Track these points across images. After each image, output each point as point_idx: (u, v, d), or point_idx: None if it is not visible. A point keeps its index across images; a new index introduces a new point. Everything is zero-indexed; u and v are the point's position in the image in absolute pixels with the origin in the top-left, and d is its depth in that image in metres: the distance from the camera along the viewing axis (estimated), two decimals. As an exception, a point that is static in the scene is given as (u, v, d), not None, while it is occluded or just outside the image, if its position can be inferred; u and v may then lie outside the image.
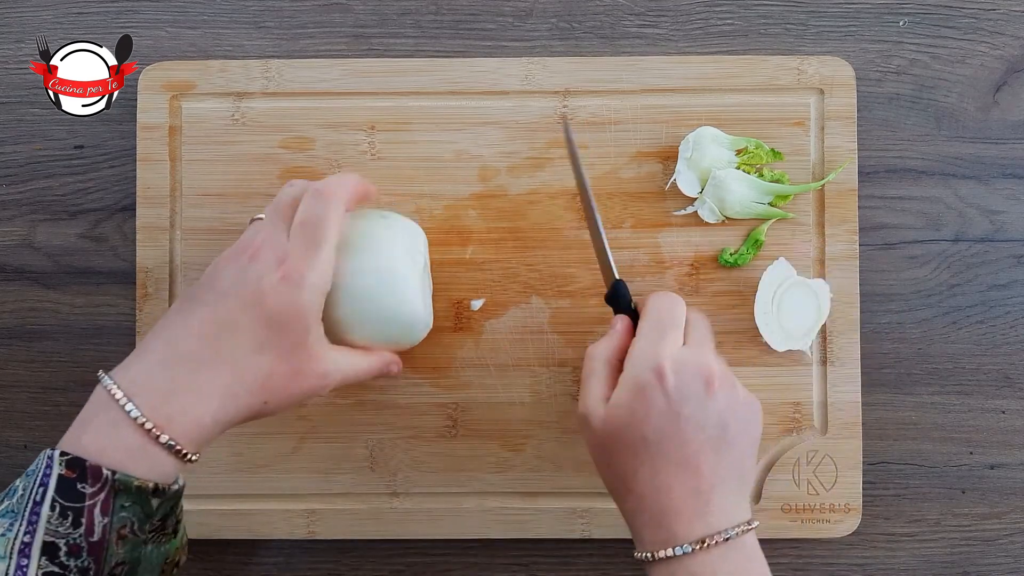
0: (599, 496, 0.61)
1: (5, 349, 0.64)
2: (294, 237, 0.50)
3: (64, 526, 0.44)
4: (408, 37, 0.65)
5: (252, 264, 0.49)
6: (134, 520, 0.46)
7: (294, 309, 0.49)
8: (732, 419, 0.50)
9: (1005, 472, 0.63)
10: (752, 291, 0.60)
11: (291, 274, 0.49)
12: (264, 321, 0.48)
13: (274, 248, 0.50)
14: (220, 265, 0.50)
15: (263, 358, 0.49)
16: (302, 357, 0.50)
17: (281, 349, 0.49)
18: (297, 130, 0.63)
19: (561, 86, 0.62)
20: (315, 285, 0.49)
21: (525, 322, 0.62)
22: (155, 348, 0.48)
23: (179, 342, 0.48)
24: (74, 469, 0.45)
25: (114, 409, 0.46)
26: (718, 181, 0.60)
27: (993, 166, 0.64)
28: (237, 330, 0.48)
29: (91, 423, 0.47)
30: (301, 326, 0.49)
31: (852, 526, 0.61)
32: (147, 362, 0.48)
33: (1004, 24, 0.64)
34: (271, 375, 0.49)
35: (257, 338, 0.48)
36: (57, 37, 0.65)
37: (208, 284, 0.50)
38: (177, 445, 0.47)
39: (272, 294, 0.48)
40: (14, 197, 0.65)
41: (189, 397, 0.47)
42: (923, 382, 0.64)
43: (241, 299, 0.48)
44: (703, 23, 0.65)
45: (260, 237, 0.50)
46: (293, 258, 0.49)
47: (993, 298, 0.64)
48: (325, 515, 0.62)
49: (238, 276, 0.49)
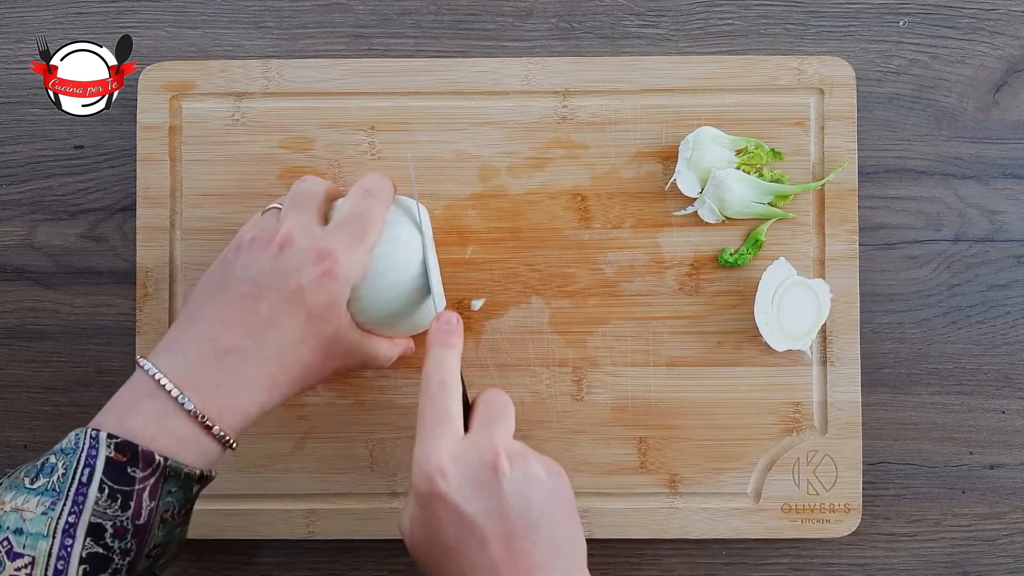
0: (599, 496, 0.62)
1: (5, 349, 0.64)
2: (339, 230, 0.51)
3: (112, 508, 0.45)
4: (408, 37, 0.65)
5: (285, 254, 0.49)
6: (176, 505, 0.47)
7: (332, 303, 0.50)
8: (534, 495, 0.45)
9: (1005, 472, 0.63)
10: (752, 291, 0.60)
11: (332, 270, 0.49)
12: (306, 315, 0.49)
13: (309, 238, 0.50)
14: (248, 252, 0.50)
15: (304, 348, 0.50)
16: (336, 343, 0.51)
17: (320, 340, 0.50)
18: (297, 130, 0.63)
19: (561, 86, 0.62)
20: (351, 279, 0.50)
21: (525, 322, 0.62)
22: (195, 341, 0.49)
23: (221, 335, 0.49)
24: (124, 453, 0.45)
25: (163, 399, 0.47)
26: (718, 181, 0.60)
27: (993, 166, 0.64)
28: (279, 324, 0.49)
29: (137, 409, 0.47)
30: (337, 316, 0.50)
31: (852, 526, 0.61)
32: (190, 354, 0.48)
33: (1004, 24, 0.64)
34: (310, 364, 0.51)
35: (300, 331, 0.49)
36: (57, 37, 0.65)
37: (239, 273, 0.50)
38: (226, 435, 0.48)
39: (312, 289, 0.49)
40: (14, 197, 0.65)
41: (237, 391, 0.48)
42: (923, 382, 0.64)
43: (281, 293, 0.49)
44: (703, 23, 0.65)
45: (287, 226, 0.50)
46: (336, 253, 0.50)
47: (993, 298, 0.64)
48: (325, 515, 0.62)
49: (271, 266, 0.49)
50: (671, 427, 0.61)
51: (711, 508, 0.61)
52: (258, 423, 0.61)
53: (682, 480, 0.61)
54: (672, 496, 0.61)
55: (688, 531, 0.61)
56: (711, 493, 0.61)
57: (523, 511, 0.45)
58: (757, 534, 0.61)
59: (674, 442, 0.61)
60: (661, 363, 0.62)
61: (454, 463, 0.45)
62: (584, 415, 0.62)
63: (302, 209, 0.52)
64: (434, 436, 0.46)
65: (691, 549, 0.63)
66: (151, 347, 0.61)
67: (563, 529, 0.46)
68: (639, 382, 0.61)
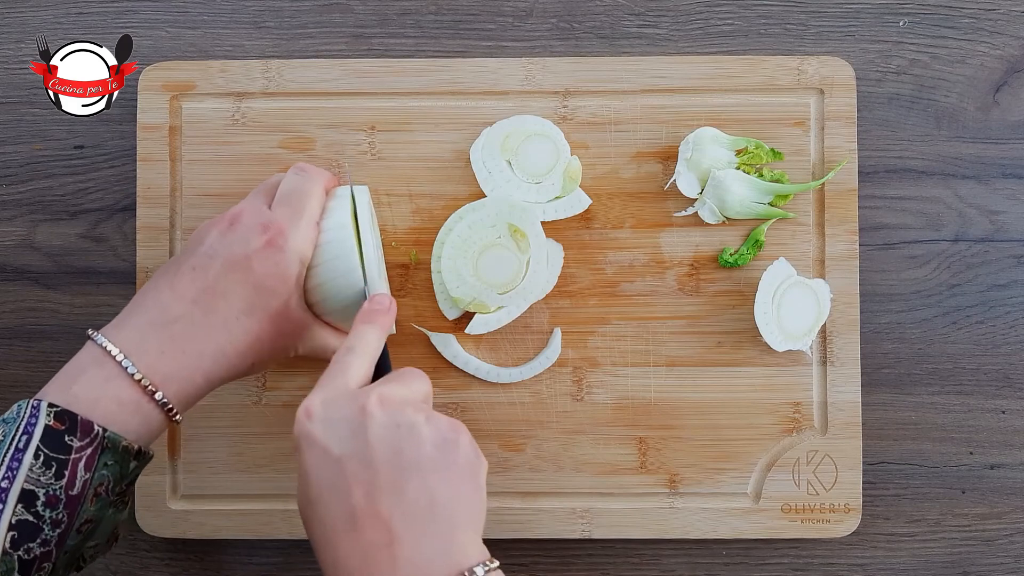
0: (599, 496, 0.62)
1: (5, 349, 0.64)
2: (278, 206, 0.53)
3: (47, 476, 0.45)
4: (408, 37, 0.65)
5: (234, 228, 0.52)
6: (111, 479, 0.47)
7: (280, 272, 0.51)
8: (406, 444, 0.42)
9: (1005, 472, 0.63)
10: (752, 291, 0.60)
11: (275, 239, 0.51)
12: (252, 284, 0.51)
13: (256, 215, 0.52)
14: (202, 231, 0.53)
15: (251, 320, 0.51)
16: (284, 318, 0.52)
17: (268, 311, 0.51)
18: (297, 130, 0.63)
19: (561, 86, 0.62)
20: (296, 250, 0.52)
21: (525, 322, 0.62)
22: (145, 310, 0.50)
23: (170, 305, 0.50)
24: (63, 421, 0.45)
25: (109, 364, 0.47)
26: (718, 181, 0.60)
27: (993, 166, 0.64)
28: (227, 293, 0.50)
29: (82, 375, 0.47)
30: (285, 288, 0.52)
31: (852, 526, 0.61)
32: (139, 323, 0.49)
33: (1004, 24, 0.64)
34: (259, 336, 0.51)
35: (247, 301, 0.51)
36: (57, 37, 0.65)
37: (192, 249, 0.52)
38: (169, 404, 0.48)
39: (258, 259, 0.51)
40: (14, 197, 0.65)
41: (183, 357, 0.49)
42: (923, 382, 0.64)
43: (228, 263, 0.51)
44: (703, 23, 0.65)
45: (240, 207, 0.53)
46: (278, 224, 0.52)
47: (993, 298, 0.64)
48: (325, 515, 0.62)
49: (220, 240, 0.51)
50: (671, 427, 0.61)
51: (711, 508, 0.61)
52: (258, 423, 0.61)
53: (682, 480, 0.61)
54: (672, 496, 0.61)
55: (688, 531, 0.61)
56: (711, 493, 0.61)
57: (391, 459, 0.42)
58: (757, 534, 0.61)
59: (674, 442, 0.61)
60: (661, 363, 0.62)
61: (324, 405, 0.44)
62: (584, 415, 0.62)
63: (258, 193, 0.55)
64: (319, 387, 0.45)
65: (691, 549, 0.63)
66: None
67: (443, 488, 0.42)
68: (639, 382, 0.61)
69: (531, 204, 0.61)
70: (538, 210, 0.61)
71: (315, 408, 0.44)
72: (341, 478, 0.42)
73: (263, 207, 0.53)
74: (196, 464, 0.62)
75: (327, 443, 0.43)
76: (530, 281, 0.60)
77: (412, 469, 0.42)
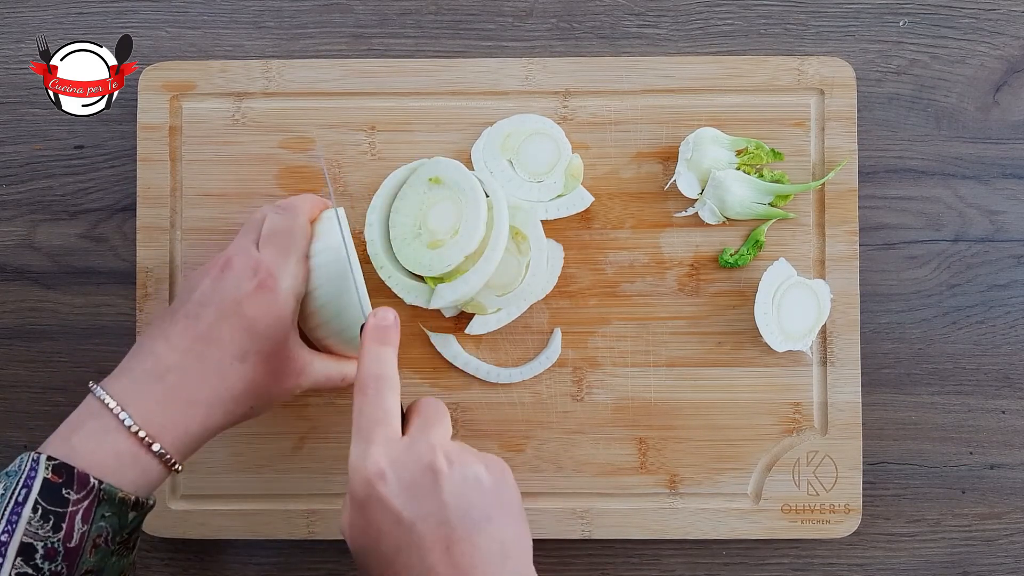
0: (599, 496, 0.62)
1: (5, 349, 0.64)
2: (264, 247, 0.53)
3: (44, 529, 0.45)
4: (408, 37, 0.65)
5: (225, 275, 0.51)
6: (109, 530, 0.47)
7: (272, 314, 0.51)
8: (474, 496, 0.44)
9: (1005, 472, 0.63)
10: (752, 291, 0.60)
11: (266, 281, 0.51)
12: (244, 329, 0.51)
13: (245, 259, 0.52)
14: (193, 279, 0.53)
15: (246, 365, 0.51)
16: (281, 359, 0.52)
17: (262, 354, 0.51)
18: (297, 130, 0.63)
19: (561, 86, 0.62)
20: (288, 289, 0.52)
21: (525, 322, 0.62)
22: (141, 361, 0.50)
23: (164, 355, 0.50)
24: (60, 474, 0.46)
25: (106, 416, 0.48)
26: (718, 182, 0.60)
27: (993, 166, 0.64)
28: (220, 339, 0.50)
29: (81, 428, 0.48)
30: (279, 329, 0.52)
31: (852, 526, 0.61)
32: (135, 374, 0.49)
33: (1004, 24, 0.64)
34: (255, 380, 0.51)
35: (240, 346, 0.51)
36: (57, 37, 0.65)
37: (184, 298, 0.52)
38: (167, 454, 0.49)
39: (249, 302, 0.51)
40: (14, 197, 0.65)
41: (178, 407, 0.49)
42: (923, 382, 0.64)
43: (220, 310, 0.50)
44: (703, 23, 0.65)
45: (230, 251, 0.53)
46: (267, 266, 0.52)
47: (993, 298, 0.64)
48: (325, 515, 0.62)
49: (213, 288, 0.51)
50: (671, 427, 0.61)
51: (711, 508, 0.61)
52: (258, 423, 0.61)
53: (682, 480, 0.61)
54: (672, 496, 0.61)
55: (688, 531, 0.61)
56: (711, 493, 0.61)
57: (464, 514, 0.43)
58: (757, 534, 0.61)
59: (674, 442, 0.61)
60: (661, 363, 0.62)
61: (392, 466, 0.44)
62: (584, 415, 0.62)
63: (246, 234, 0.54)
64: (371, 437, 0.45)
65: (691, 549, 0.63)
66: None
67: (508, 531, 0.44)
68: (639, 382, 0.61)
69: (533, 203, 0.61)
70: (540, 209, 0.61)
71: (386, 472, 0.44)
72: (418, 539, 0.43)
73: (252, 248, 0.53)
74: (196, 464, 0.62)
75: (402, 508, 0.43)
76: (529, 283, 0.60)
77: (483, 520, 0.44)
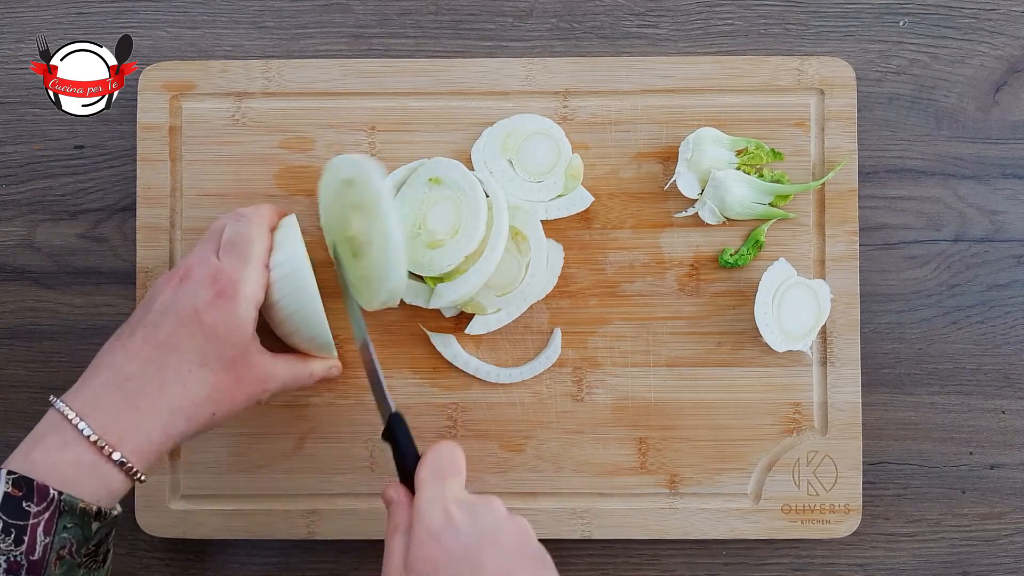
0: (599, 496, 0.62)
1: (5, 349, 0.64)
2: (224, 255, 0.53)
3: (6, 542, 0.45)
4: (408, 37, 0.65)
5: (184, 284, 0.52)
6: (73, 542, 0.47)
7: (231, 321, 0.51)
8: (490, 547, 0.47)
9: (1005, 472, 0.63)
10: (752, 291, 0.60)
11: (225, 289, 0.52)
12: (204, 336, 0.51)
13: (205, 267, 0.52)
14: (154, 290, 0.53)
15: (206, 371, 0.51)
16: (243, 366, 0.52)
17: (223, 360, 0.52)
18: (297, 130, 0.63)
19: (561, 86, 0.62)
20: (248, 296, 0.52)
21: (525, 322, 0.62)
22: (100, 372, 0.50)
23: (124, 364, 0.50)
24: (20, 487, 0.46)
25: (66, 428, 0.48)
26: (718, 182, 0.60)
27: (993, 166, 0.64)
28: (179, 346, 0.51)
29: (41, 441, 0.48)
30: (239, 336, 0.52)
31: (852, 526, 0.61)
32: (94, 385, 0.50)
33: (1004, 24, 0.64)
34: (216, 387, 0.51)
35: (200, 352, 0.51)
36: (57, 37, 0.65)
37: (145, 308, 0.52)
38: (128, 463, 0.48)
39: (208, 310, 0.51)
40: (14, 197, 0.65)
41: (138, 415, 0.49)
42: (923, 382, 0.64)
43: (179, 318, 0.51)
44: (703, 23, 0.65)
45: (190, 260, 0.53)
46: (226, 273, 0.52)
47: (993, 298, 0.64)
48: (325, 515, 0.62)
49: (172, 297, 0.52)
50: (671, 427, 0.61)
51: (711, 508, 0.61)
52: (258, 424, 0.61)
53: (682, 480, 0.61)
54: (672, 496, 0.61)
55: (688, 531, 0.61)
56: (711, 493, 0.61)
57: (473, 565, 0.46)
58: (757, 534, 0.61)
59: (674, 442, 0.61)
60: (661, 363, 0.62)
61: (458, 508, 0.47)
62: (584, 415, 0.62)
63: (205, 243, 0.55)
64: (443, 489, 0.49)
65: (691, 549, 0.63)
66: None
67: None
68: (639, 382, 0.61)
69: (533, 203, 0.61)
70: (540, 209, 0.61)
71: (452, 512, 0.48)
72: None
73: (211, 257, 0.53)
74: (196, 464, 0.62)
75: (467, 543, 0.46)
76: (529, 284, 0.60)
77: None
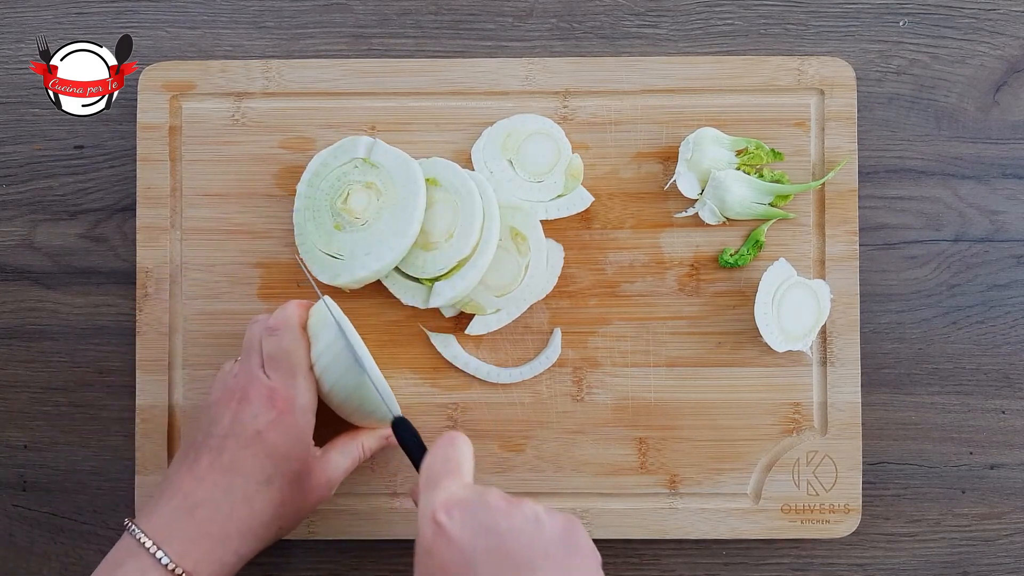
0: (599, 496, 0.62)
1: (5, 349, 0.64)
2: (271, 372, 0.54)
3: None
4: (408, 37, 0.65)
5: (243, 407, 0.53)
6: None
7: (294, 436, 0.53)
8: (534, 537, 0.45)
9: (1005, 472, 0.63)
10: (752, 291, 0.60)
11: (283, 407, 0.53)
12: (266, 455, 0.53)
13: (259, 388, 0.54)
14: (214, 412, 0.54)
15: (272, 488, 0.53)
16: (306, 476, 0.54)
17: (287, 475, 0.53)
18: (297, 130, 0.63)
19: (561, 86, 0.62)
20: (304, 408, 0.54)
21: (525, 322, 0.62)
22: (170, 497, 0.52)
23: (193, 490, 0.52)
24: None
25: (143, 556, 0.49)
26: (718, 182, 0.60)
27: (993, 166, 0.64)
28: (243, 469, 0.52)
29: (121, 568, 0.49)
30: (301, 449, 0.54)
31: (852, 526, 0.61)
32: (166, 511, 0.51)
33: (1004, 24, 0.64)
34: (283, 503, 0.53)
35: (264, 471, 0.52)
36: (57, 37, 0.65)
37: (207, 431, 0.54)
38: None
39: (271, 430, 0.53)
40: (14, 197, 0.65)
41: (210, 541, 0.51)
42: (923, 382, 0.64)
43: (241, 440, 0.52)
44: (703, 23, 0.65)
45: (242, 379, 0.55)
46: (280, 392, 0.53)
47: (993, 298, 0.64)
48: (325, 515, 0.62)
49: (233, 420, 0.53)
50: (671, 427, 0.61)
51: (711, 508, 0.61)
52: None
53: (682, 480, 0.61)
54: (672, 496, 0.61)
55: (688, 531, 0.61)
56: (711, 493, 0.61)
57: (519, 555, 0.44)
58: (757, 534, 0.61)
59: (674, 442, 0.61)
60: (661, 363, 0.62)
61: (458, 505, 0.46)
62: (584, 415, 0.62)
63: (249, 357, 0.55)
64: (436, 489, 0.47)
65: (691, 549, 0.63)
66: (152, 350, 0.61)
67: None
68: (639, 382, 0.61)
69: (533, 203, 0.61)
70: (540, 209, 0.61)
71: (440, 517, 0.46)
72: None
73: (261, 375, 0.54)
74: (196, 464, 0.62)
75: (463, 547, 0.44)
76: (529, 284, 0.60)
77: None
